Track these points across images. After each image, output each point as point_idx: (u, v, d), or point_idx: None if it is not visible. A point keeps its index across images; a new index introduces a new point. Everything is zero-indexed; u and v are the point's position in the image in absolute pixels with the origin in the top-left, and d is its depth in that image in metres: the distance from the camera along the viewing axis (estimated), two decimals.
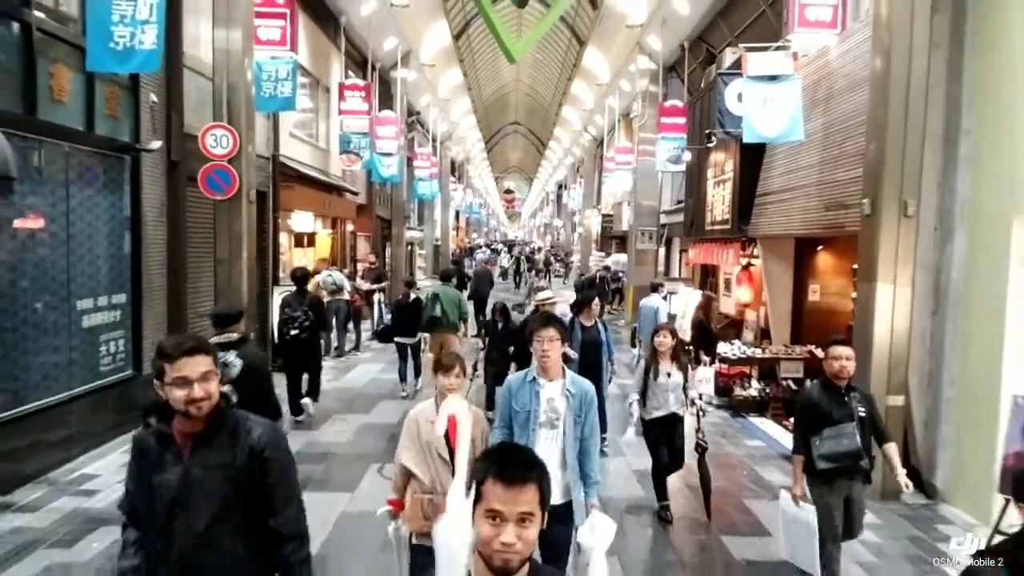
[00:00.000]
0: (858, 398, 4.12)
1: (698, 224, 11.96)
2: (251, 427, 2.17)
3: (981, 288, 5.58)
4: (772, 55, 7.82)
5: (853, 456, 3.99)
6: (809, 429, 4.10)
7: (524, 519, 1.41)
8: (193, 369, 2.04)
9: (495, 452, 1.58)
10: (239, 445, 2.12)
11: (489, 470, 1.46)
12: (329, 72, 14.25)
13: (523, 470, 1.45)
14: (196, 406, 2.04)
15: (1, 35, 5.38)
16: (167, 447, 2.11)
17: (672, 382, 5.33)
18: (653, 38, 15.58)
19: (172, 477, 2.08)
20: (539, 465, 1.50)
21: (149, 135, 7.28)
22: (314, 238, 13.51)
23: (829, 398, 4.10)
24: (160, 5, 5.77)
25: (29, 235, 5.75)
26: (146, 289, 7.36)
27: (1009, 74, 5.37)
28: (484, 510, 1.43)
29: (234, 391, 3.91)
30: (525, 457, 1.52)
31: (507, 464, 1.46)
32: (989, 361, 5.39)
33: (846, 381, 4.09)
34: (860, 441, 3.99)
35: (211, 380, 2.09)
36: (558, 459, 3.29)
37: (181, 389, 2.03)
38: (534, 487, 1.44)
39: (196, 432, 2.10)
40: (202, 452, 2.10)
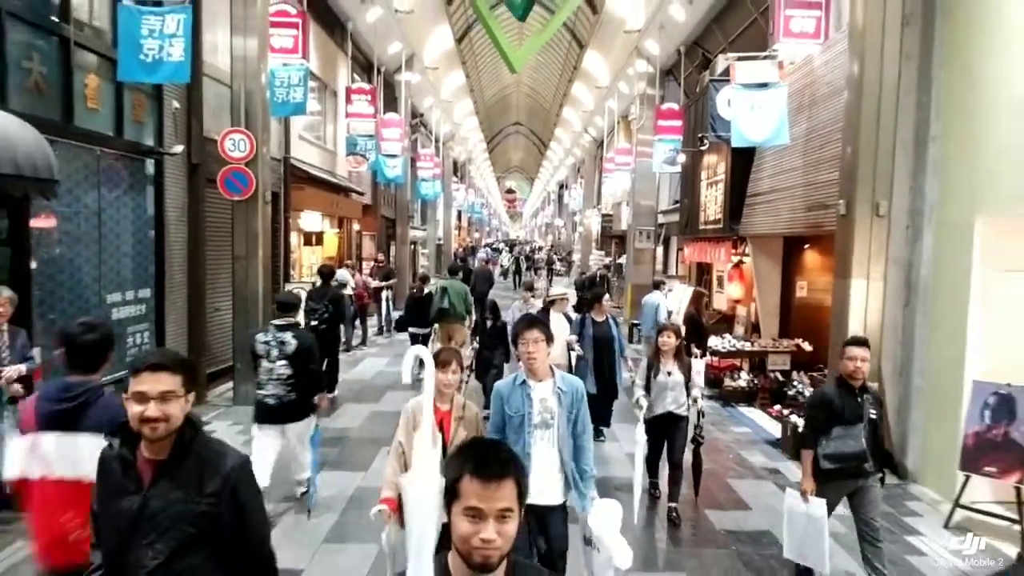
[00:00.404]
0: (870, 400, 4.13)
1: (693, 223, 12.41)
2: (221, 458, 2.00)
3: (947, 283, 6.02)
4: (759, 64, 8.26)
5: (857, 458, 4.01)
6: (820, 427, 4.10)
7: (503, 515, 1.40)
8: (153, 386, 1.89)
9: (469, 449, 1.54)
10: (207, 476, 1.95)
11: (465, 467, 1.44)
12: (336, 76, 14.72)
13: (500, 466, 1.44)
14: (150, 426, 1.88)
15: (42, 49, 5.84)
16: (127, 473, 1.95)
17: (672, 381, 5.41)
18: (651, 43, 16.02)
19: (128, 506, 1.92)
20: (515, 459, 1.49)
21: (172, 139, 7.75)
22: (322, 237, 13.98)
23: (844, 398, 4.09)
24: (187, 20, 6.23)
25: (66, 233, 6.22)
26: (168, 284, 7.83)
27: (973, 84, 5.80)
28: (462, 508, 1.41)
29: (288, 365, 4.95)
30: (501, 453, 1.50)
31: (483, 461, 1.44)
32: (954, 351, 5.83)
33: (861, 381, 4.08)
34: (866, 443, 4.00)
35: (171, 402, 1.92)
36: (555, 458, 3.32)
37: (137, 404, 1.89)
38: (511, 482, 1.43)
39: (160, 460, 1.94)
40: (164, 483, 1.93)
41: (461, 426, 3.38)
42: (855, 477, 4.05)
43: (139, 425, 1.89)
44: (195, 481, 1.93)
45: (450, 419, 3.38)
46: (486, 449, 1.51)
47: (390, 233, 19.88)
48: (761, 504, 5.73)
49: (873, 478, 4.11)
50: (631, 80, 18.82)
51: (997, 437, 5.25)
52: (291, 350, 4.97)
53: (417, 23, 17.33)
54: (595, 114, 27.25)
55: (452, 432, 3.36)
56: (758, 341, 9.67)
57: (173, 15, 6.21)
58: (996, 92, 5.57)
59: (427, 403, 3.09)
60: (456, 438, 3.33)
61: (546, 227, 62.97)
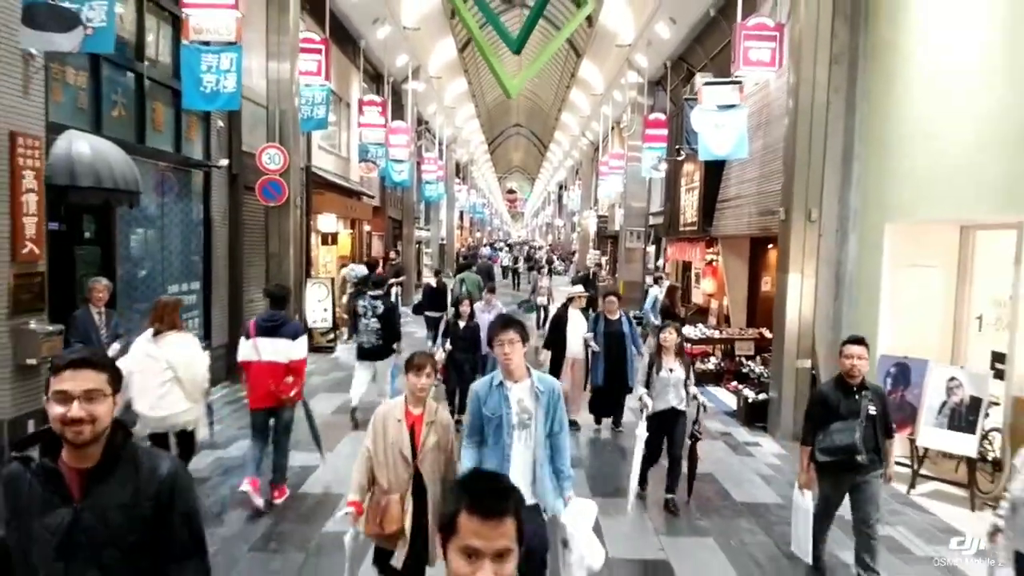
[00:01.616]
0: (869, 396, 4.18)
1: (674, 225, 13.70)
2: (156, 461, 1.87)
3: (865, 277, 7.30)
4: (723, 88, 9.51)
5: (847, 451, 4.09)
6: (818, 423, 4.22)
7: (502, 554, 1.31)
8: (77, 384, 1.73)
9: (467, 480, 1.47)
10: (142, 481, 1.81)
11: (462, 500, 1.34)
12: (350, 89, 16.00)
13: (500, 501, 1.35)
14: (74, 429, 1.72)
15: (124, 84, 7.15)
16: (53, 485, 1.77)
17: (674, 377, 5.58)
18: (640, 56, 17.29)
19: (58, 521, 1.75)
20: (515, 493, 1.40)
21: (217, 154, 9.05)
22: (336, 237, 15.26)
23: (840, 395, 4.19)
24: (238, 58, 7.51)
25: (139, 234, 7.52)
26: (214, 278, 9.12)
27: (886, 117, 7.07)
28: (458, 546, 1.32)
29: (378, 322, 7.37)
30: (500, 485, 1.41)
31: (481, 494, 1.35)
32: (869, 331, 7.07)
33: (859, 379, 4.16)
34: (859, 437, 4.07)
35: (98, 401, 1.75)
36: (531, 458, 3.34)
37: (59, 406, 1.72)
38: (511, 519, 1.34)
39: (89, 468, 1.78)
40: (97, 491, 1.77)
41: (432, 431, 3.38)
42: (851, 471, 4.15)
43: (62, 428, 1.71)
44: (133, 486, 1.79)
45: (422, 423, 3.37)
46: (485, 482, 1.42)
47: (397, 233, 21.18)
48: (711, 458, 6.95)
49: (873, 474, 4.18)
50: (623, 88, 20.10)
51: (896, 399, 6.52)
52: (380, 312, 7.42)
53: (423, 37, 18.59)
54: (591, 119, 28.52)
55: (423, 437, 3.35)
56: (727, 330, 10.95)
57: (227, 54, 7.49)
58: (901, 125, 6.84)
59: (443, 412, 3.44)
60: (428, 443, 3.35)
61: (546, 227, 64.23)
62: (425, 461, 3.34)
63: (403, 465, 3.30)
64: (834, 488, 4.28)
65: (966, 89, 5.95)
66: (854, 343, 4.20)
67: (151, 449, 1.98)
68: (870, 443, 4.12)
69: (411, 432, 3.34)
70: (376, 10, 14.50)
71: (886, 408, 4.28)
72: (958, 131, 6.01)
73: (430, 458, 3.36)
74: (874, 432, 4.13)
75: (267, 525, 5.13)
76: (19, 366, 5.53)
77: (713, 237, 11.54)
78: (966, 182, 5.93)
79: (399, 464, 3.31)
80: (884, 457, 4.21)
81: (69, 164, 5.90)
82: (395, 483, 3.31)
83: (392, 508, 3.28)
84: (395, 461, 3.31)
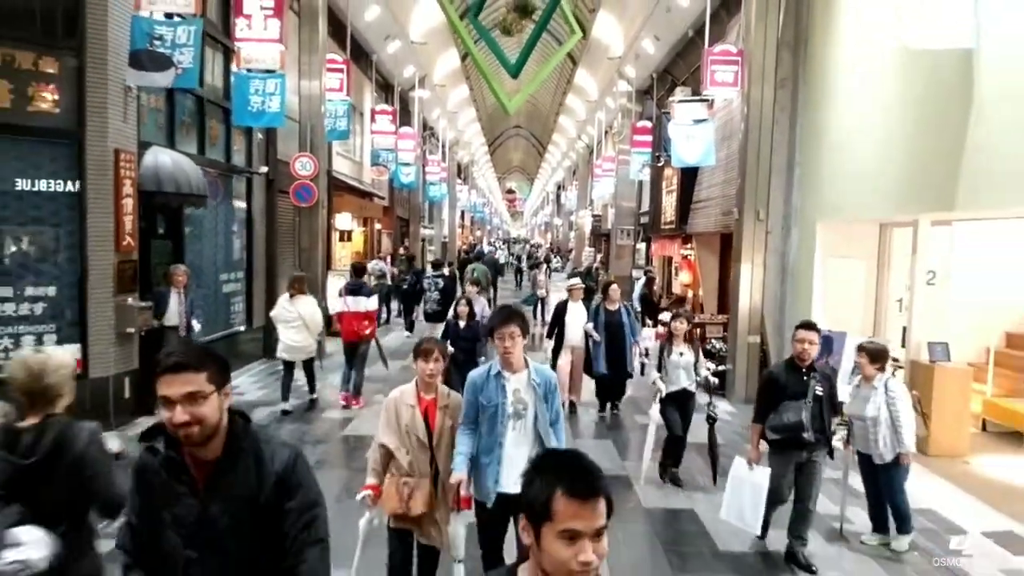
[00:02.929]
0: (818, 378, 4.40)
1: (657, 224, 15.18)
2: (275, 451, 1.86)
3: (803, 265, 8.77)
4: (693, 105, 10.98)
5: (794, 429, 4.30)
6: (769, 403, 4.44)
7: (599, 532, 1.29)
8: (177, 389, 1.71)
9: (554, 462, 1.38)
10: (264, 472, 1.81)
11: (557, 484, 1.29)
12: (363, 99, 17.48)
13: (595, 480, 1.32)
14: (182, 432, 1.71)
15: (188, 105, 8.64)
16: (179, 476, 1.79)
17: (684, 360, 5.91)
18: (629, 67, 18.79)
19: (185, 512, 1.77)
20: (601, 471, 1.36)
21: (257, 162, 10.53)
22: (351, 234, 16.75)
23: (790, 376, 4.40)
24: (282, 83, 8.96)
25: (199, 231, 9.00)
26: (254, 269, 10.60)
27: (818, 131, 8.53)
28: (557, 530, 1.28)
29: (440, 294, 10.37)
30: (588, 464, 1.36)
31: (576, 476, 1.32)
32: (805, 310, 8.57)
33: (808, 362, 4.38)
34: (807, 416, 4.27)
35: (200, 403, 1.72)
36: (527, 449, 3.38)
37: (165, 410, 1.71)
38: (603, 497, 1.31)
39: (212, 459, 1.80)
40: (220, 483, 1.79)
41: (446, 415, 3.44)
42: (798, 449, 4.37)
43: (173, 431, 1.73)
44: (255, 478, 1.80)
45: (435, 408, 3.43)
46: (576, 463, 1.36)
47: (404, 231, 22.69)
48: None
49: (818, 453, 4.43)
50: (615, 96, 21.60)
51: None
52: (441, 286, 10.53)
53: (428, 49, 20.08)
54: (587, 123, 30.00)
55: (438, 421, 3.42)
56: (700, 316, 12.41)
57: (272, 79, 8.93)
58: (829, 138, 8.31)
59: None
60: (442, 427, 3.42)
61: (545, 225, 65.68)
62: (441, 445, 3.42)
63: (421, 450, 3.36)
64: (783, 464, 4.48)
65: (874, 109, 7.40)
66: (806, 328, 4.47)
67: (273, 440, 1.92)
68: (816, 422, 4.33)
69: (425, 417, 3.39)
70: (387, 28, 15.99)
71: (833, 389, 4.55)
72: (870, 144, 7.47)
73: (446, 441, 3.43)
74: (821, 412, 4.35)
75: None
76: (119, 334, 7.01)
77: (688, 234, 13.02)
78: (875, 186, 7.40)
79: (417, 449, 3.35)
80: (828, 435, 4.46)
81: (155, 173, 7.40)
82: (417, 466, 3.36)
83: (421, 492, 3.32)
84: (414, 446, 3.35)
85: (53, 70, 6.61)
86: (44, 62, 6.57)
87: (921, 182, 6.47)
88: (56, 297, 6.77)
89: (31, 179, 6.58)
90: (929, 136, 6.36)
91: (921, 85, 6.50)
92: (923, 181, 6.42)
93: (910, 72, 6.62)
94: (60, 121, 6.67)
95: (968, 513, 5.61)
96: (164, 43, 6.76)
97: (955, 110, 5.83)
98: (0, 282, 6.51)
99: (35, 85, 6.53)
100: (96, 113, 6.70)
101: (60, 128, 6.67)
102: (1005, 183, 5.37)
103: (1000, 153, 5.40)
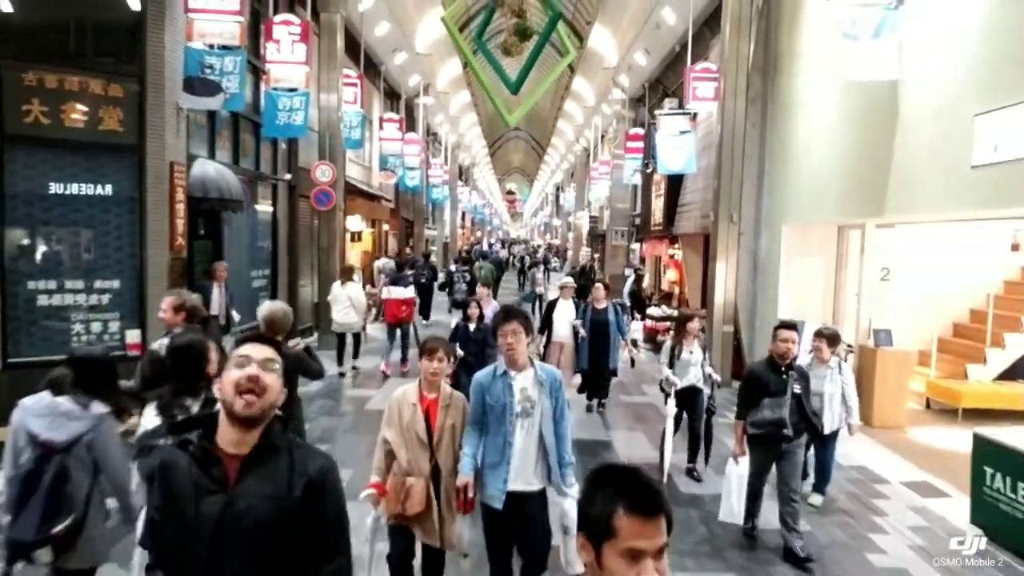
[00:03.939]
0: (795, 376, 4.56)
1: (647, 225, 16.29)
2: (310, 457, 1.83)
3: (771, 264, 9.86)
4: (676, 118, 12.10)
5: (776, 424, 4.49)
6: (750, 399, 4.61)
7: (661, 550, 1.27)
8: (257, 352, 1.79)
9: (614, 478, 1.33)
10: (294, 474, 1.77)
11: (618, 502, 1.27)
12: (372, 108, 18.57)
13: (657, 497, 1.29)
14: (247, 398, 1.73)
15: (225, 120, 9.73)
16: (209, 469, 1.74)
17: (694, 358, 6.15)
18: (623, 77, 19.88)
19: (212, 508, 1.71)
20: (661, 488, 1.34)
21: (282, 170, 11.62)
22: (361, 235, 17.84)
23: (770, 374, 4.56)
24: (306, 100, 10.05)
25: (234, 232, 10.09)
26: (279, 267, 11.69)
27: (784, 144, 9.63)
28: (619, 549, 1.25)
29: (466, 284, 12.49)
30: (648, 480, 1.33)
31: (639, 493, 1.29)
32: (772, 303, 9.68)
33: (788, 360, 4.54)
34: (786, 412, 4.46)
35: (271, 371, 1.79)
36: (535, 446, 3.41)
37: (239, 369, 1.76)
38: (663, 514, 1.29)
39: (244, 454, 1.76)
40: (249, 479, 1.74)
41: (448, 414, 3.45)
42: (778, 442, 4.56)
43: (234, 397, 1.73)
44: (284, 479, 1.76)
45: (437, 407, 3.43)
46: (637, 480, 1.32)
47: (409, 232, 23.77)
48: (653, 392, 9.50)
49: (796, 445, 4.63)
50: (610, 103, 22.71)
51: None
52: (468, 279, 12.47)
53: (432, 59, 21.18)
54: (584, 127, 31.12)
55: (439, 420, 3.42)
56: (683, 309, 13.52)
57: (298, 96, 10.03)
58: (791, 151, 9.41)
59: None
60: (442, 426, 3.42)
61: (544, 226, 66.78)
62: (441, 444, 3.42)
63: (421, 448, 3.37)
64: (764, 457, 4.70)
65: (825, 128, 8.48)
66: (788, 328, 4.65)
67: (306, 445, 1.95)
68: (795, 417, 4.54)
69: (426, 415, 3.41)
70: (395, 42, 17.09)
71: (808, 386, 4.74)
72: (822, 158, 8.57)
73: (446, 441, 3.43)
74: (799, 407, 4.56)
75: None
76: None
77: (675, 235, 14.12)
78: (827, 194, 8.49)
79: (417, 448, 3.37)
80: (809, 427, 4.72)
81: (201, 182, 8.49)
82: (415, 465, 3.37)
83: (416, 491, 3.34)
84: (413, 444, 3.37)
85: (119, 94, 7.69)
86: (111, 88, 7.64)
87: (860, 191, 7.56)
88: (119, 289, 7.86)
89: (100, 187, 7.67)
90: (865, 153, 7.46)
91: (859, 109, 7.60)
92: (861, 191, 7.52)
93: (851, 98, 7.72)
94: (124, 138, 7.74)
95: (894, 469, 6.72)
96: (213, 71, 7.86)
97: (885, 132, 6.94)
98: (74, 276, 7.60)
99: (104, 108, 7.61)
100: (154, 131, 7.79)
101: (124, 144, 7.74)
102: (920, 193, 6.47)
103: (916, 168, 6.51)
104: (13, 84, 7.08)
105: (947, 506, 5.77)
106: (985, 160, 5.54)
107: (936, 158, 6.15)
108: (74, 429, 2.94)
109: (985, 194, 5.59)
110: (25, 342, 7.36)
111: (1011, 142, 5.31)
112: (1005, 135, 5.38)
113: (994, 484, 5.07)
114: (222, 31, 7.92)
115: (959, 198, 5.87)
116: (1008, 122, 5.36)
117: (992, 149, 5.48)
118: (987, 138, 5.53)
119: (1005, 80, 5.45)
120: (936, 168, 6.15)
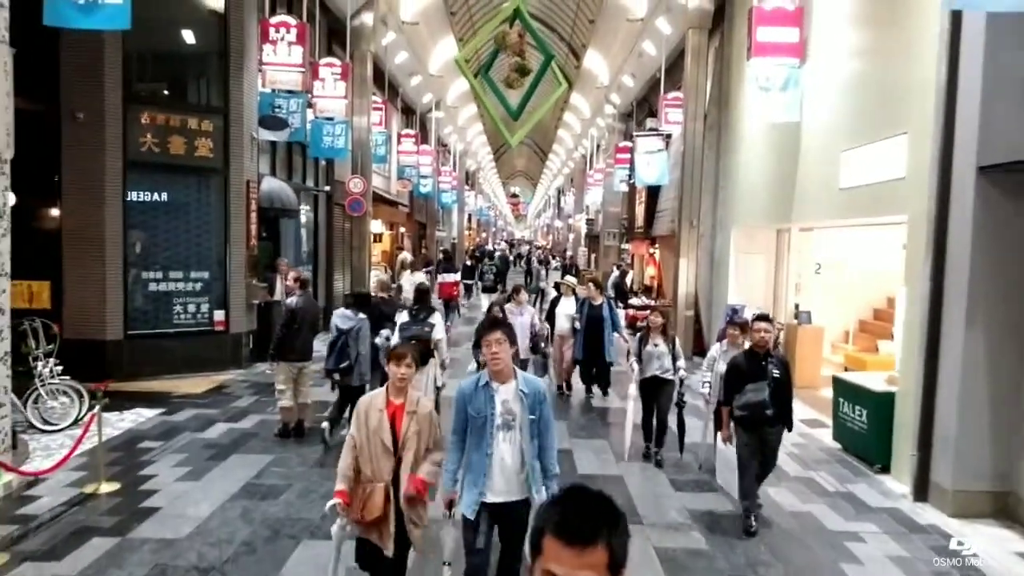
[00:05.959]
0: (774, 363, 4.88)
1: (632, 228, 18.57)
2: None
3: (724, 261, 12.12)
4: (652, 138, 14.37)
5: (758, 406, 4.81)
6: (734, 386, 4.91)
7: None
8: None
9: (559, 499, 1.28)
10: None
11: (548, 519, 1.22)
12: (391, 124, 20.92)
13: (588, 525, 1.20)
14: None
15: (282, 144, 12.07)
16: None
17: (658, 351, 6.54)
18: (614, 95, 22.17)
19: None
20: (611, 519, 1.23)
21: (322, 182, 13.96)
22: (382, 237, 20.18)
23: (750, 362, 4.88)
24: (347, 127, 12.37)
25: (288, 236, 12.42)
26: (319, 264, 14.02)
27: (737, 163, 11.87)
28: (541, 569, 1.20)
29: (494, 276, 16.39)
30: (593, 508, 1.24)
31: (569, 516, 1.21)
32: (724, 293, 11.93)
33: (765, 349, 4.85)
34: (767, 394, 4.77)
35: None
36: (517, 458, 3.39)
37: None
38: (601, 549, 1.19)
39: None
40: None
41: (414, 420, 3.46)
42: (762, 424, 4.90)
43: None
44: None
45: (402, 412, 3.46)
46: (577, 502, 1.26)
47: (422, 234, 26.12)
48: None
49: (775, 428, 4.98)
50: (604, 116, 24.99)
51: None
52: (495, 272, 16.08)
53: (443, 80, 23.50)
54: (582, 137, 33.40)
55: (404, 426, 3.44)
56: (660, 300, 15.79)
57: (341, 124, 12.35)
58: (738, 169, 11.67)
59: None
60: (407, 432, 3.45)
61: (547, 228, 69.04)
62: (406, 450, 3.43)
63: (384, 454, 3.39)
64: (751, 436, 5.03)
65: (757, 153, 10.74)
66: (762, 320, 5.04)
67: None
68: (775, 400, 4.84)
69: (392, 421, 3.42)
70: (412, 67, 19.45)
71: (788, 373, 5.05)
72: (759, 175, 10.81)
73: (410, 447, 3.44)
74: (779, 391, 4.88)
75: None
76: (248, 304, 10.41)
77: (653, 237, 16.39)
78: (759, 205, 10.74)
79: (381, 453, 3.39)
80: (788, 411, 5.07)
81: (268, 195, 10.82)
82: (377, 472, 3.39)
83: (376, 496, 3.36)
84: (377, 450, 3.39)
85: (209, 129, 10.02)
86: (204, 124, 9.97)
87: (778, 203, 9.82)
88: (208, 279, 10.17)
89: (195, 200, 10.00)
90: (780, 174, 9.73)
91: (776, 141, 9.87)
92: (778, 203, 9.78)
93: (772, 132, 9.98)
94: (213, 162, 10.06)
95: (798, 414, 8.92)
96: (282, 110, 10.18)
97: (791, 159, 9.20)
98: (176, 267, 9.92)
99: (198, 139, 9.93)
100: (235, 156, 10.11)
101: (213, 167, 10.06)
102: (809, 207, 8.75)
103: (808, 188, 8.78)
104: (133, 123, 9.41)
105: (823, 432, 8.02)
106: (848, 184, 7.79)
107: (819, 181, 8.42)
108: (351, 324, 6.73)
109: (848, 208, 7.84)
110: (140, 319, 9.69)
111: (864, 172, 7.56)
112: (860, 167, 7.62)
113: (843, 410, 7.32)
114: (288, 80, 10.24)
115: (831, 211, 8.15)
116: (862, 157, 7.60)
117: (852, 176, 7.73)
118: (849, 168, 7.78)
119: (862, 126, 7.68)
120: (819, 188, 8.42)
